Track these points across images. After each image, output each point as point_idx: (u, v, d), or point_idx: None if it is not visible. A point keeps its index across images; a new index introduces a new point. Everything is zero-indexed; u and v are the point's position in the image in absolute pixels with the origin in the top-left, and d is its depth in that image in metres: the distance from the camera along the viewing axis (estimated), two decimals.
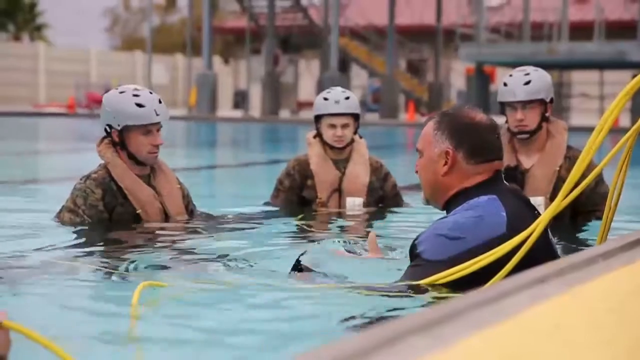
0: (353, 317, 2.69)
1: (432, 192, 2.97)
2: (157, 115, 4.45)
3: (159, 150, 4.52)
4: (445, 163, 2.88)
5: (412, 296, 2.75)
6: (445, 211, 2.96)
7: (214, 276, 3.44)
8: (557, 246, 3.01)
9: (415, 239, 2.87)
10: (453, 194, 2.89)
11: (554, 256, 2.81)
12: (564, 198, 2.74)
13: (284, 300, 2.95)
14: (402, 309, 2.71)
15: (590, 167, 2.89)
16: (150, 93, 4.50)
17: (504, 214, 2.77)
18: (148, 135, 4.46)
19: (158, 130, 4.50)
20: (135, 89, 4.53)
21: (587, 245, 4.14)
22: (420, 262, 2.80)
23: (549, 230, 2.85)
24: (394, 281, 2.87)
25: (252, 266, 3.63)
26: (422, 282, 2.74)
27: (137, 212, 4.49)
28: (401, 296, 2.76)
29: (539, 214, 2.83)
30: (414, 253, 2.85)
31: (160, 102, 4.49)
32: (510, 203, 2.81)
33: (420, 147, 2.96)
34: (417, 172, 3.01)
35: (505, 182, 2.94)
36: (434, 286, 2.75)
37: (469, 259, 2.70)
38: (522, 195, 2.96)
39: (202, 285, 3.25)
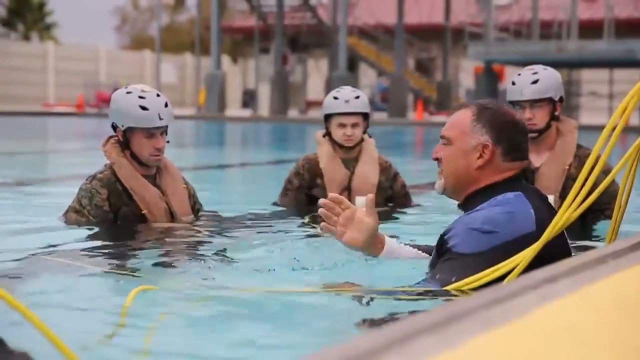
0: (364, 318, 2.68)
1: (455, 183, 2.92)
2: (161, 119, 4.43)
3: (161, 153, 4.51)
4: (480, 156, 2.86)
5: (423, 297, 2.74)
6: (463, 205, 2.93)
7: (220, 277, 3.42)
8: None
9: (444, 234, 2.84)
10: (478, 189, 2.88)
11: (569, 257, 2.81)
12: (574, 198, 2.74)
13: (292, 301, 2.95)
14: (413, 309, 2.70)
15: (601, 170, 2.88)
16: (158, 95, 4.49)
17: (532, 211, 2.77)
18: (151, 138, 4.45)
19: (162, 133, 4.48)
20: (143, 90, 4.51)
21: (597, 245, 4.13)
22: (453, 256, 2.76)
23: (564, 232, 2.84)
24: (418, 282, 2.84)
25: (260, 267, 3.62)
26: (453, 286, 2.71)
27: (143, 212, 4.49)
28: (415, 297, 2.75)
29: (556, 213, 2.83)
30: (444, 248, 2.81)
31: (166, 105, 4.47)
32: (534, 200, 2.83)
33: (450, 135, 2.92)
34: (436, 158, 2.96)
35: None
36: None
37: (501, 253, 2.69)
38: (541, 194, 2.96)
39: (202, 289, 3.23)
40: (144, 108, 4.41)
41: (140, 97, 4.44)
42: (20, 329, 1.96)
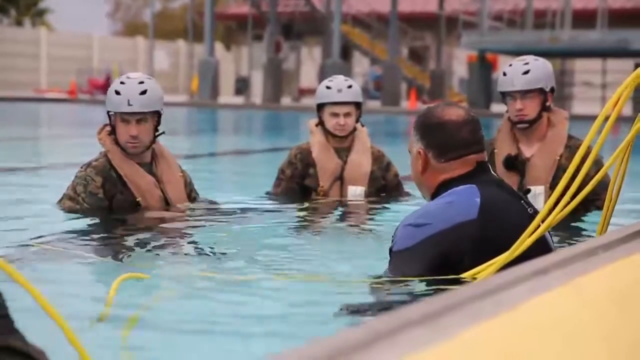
0: (351, 310, 2.69)
1: (419, 189, 3.00)
2: (130, 105, 4.41)
3: (137, 142, 4.46)
4: (420, 163, 2.90)
5: (410, 288, 2.74)
6: None
7: (210, 266, 3.42)
8: (557, 237, 3.00)
9: (393, 234, 2.89)
10: (436, 188, 2.89)
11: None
12: (555, 202, 2.73)
13: (282, 291, 2.95)
14: (401, 301, 2.71)
15: (593, 161, 2.88)
16: (140, 83, 4.45)
17: (478, 200, 2.75)
18: (126, 125, 4.44)
19: (139, 121, 4.44)
20: (128, 77, 4.52)
21: (587, 236, 4.14)
22: (392, 255, 2.82)
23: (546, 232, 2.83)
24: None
25: (251, 256, 3.62)
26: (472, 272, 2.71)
27: (137, 200, 4.48)
28: (399, 288, 2.76)
29: (528, 205, 2.84)
30: (389, 248, 2.87)
31: (143, 93, 4.43)
32: (489, 191, 2.79)
33: (409, 147, 3.00)
34: None
35: (492, 173, 2.93)
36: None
37: (437, 243, 2.71)
38: (507, 187, 2.93)
39: (188, 277, 3.23)
40: (117, 92, 4.44)
41: (121, 82, 4.47)
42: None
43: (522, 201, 2.87)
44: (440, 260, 2.70)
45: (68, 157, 9.08)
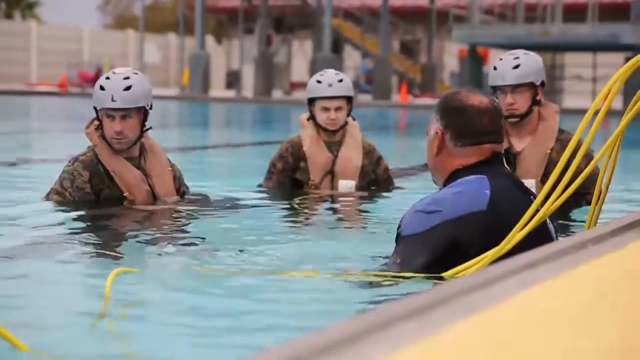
0: (343, 303, 2.69)
1: (432, 172, 2.99)
2: (113, 101, 4.38)
3: (123, 137, 4.43)
4: (436, 144, 2.89)
5: (401, 281, 2.75)
6: None
7: (200, 261, 3.41)
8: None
9: (401, 219, 2.89)
10: (449, 175, 2.89)
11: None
12: (547, 194, 2.74)
13: (274, 285, 2.95)
14: (392, 294, 2.71)
15: (583, 155, 2.88)
16: (125, 78, 4.43)
17: (488, 191, 2.75)
18: (111, 120, 4.42)
19: (123, 117, 4.40)
20: (113, 72, 4.50)
21: (576, 230, 4.15)
22: (400, 240, 2.83)
23: (547, 219, 2.83)
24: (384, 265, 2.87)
25: (241, 250, 3.62)
26: (447, 273, 2.71)
27: (125, 194, 4.47)
28: (391, 282, 2.76)
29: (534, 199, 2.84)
30: (397, 233, 2.87)
31: (127, 88, 4.39)
32: (499, 183, 2.80)
33: (427, 129, 3.00)
34: None
35: (505, 166, 2.93)
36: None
37: (443, 231, 2.71)
38: (517, 180, 2.95)
39: (179, 271, 3.23)
40: (102, 88, 4.42)
41: (107, 78, 4.45)
42: None
43: (531, 196, 2.88)
44: (449, 248, 2.71)
45: (57, 151, 9.04)
